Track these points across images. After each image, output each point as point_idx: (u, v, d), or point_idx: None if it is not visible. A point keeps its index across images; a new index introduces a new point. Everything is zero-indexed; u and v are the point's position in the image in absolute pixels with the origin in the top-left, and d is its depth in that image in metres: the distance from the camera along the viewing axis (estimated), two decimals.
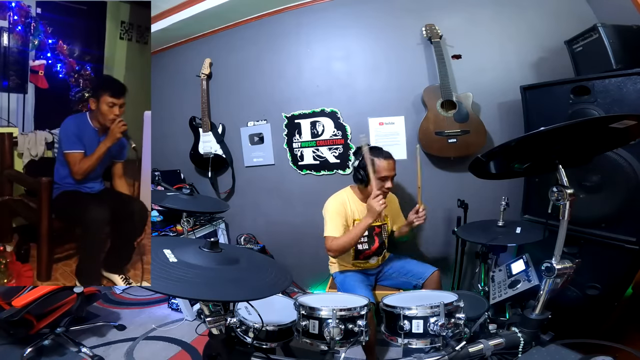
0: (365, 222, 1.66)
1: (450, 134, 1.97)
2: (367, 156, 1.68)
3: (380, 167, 1.71)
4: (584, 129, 0.91)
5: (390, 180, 1.73)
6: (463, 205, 1.91)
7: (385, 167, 1.71)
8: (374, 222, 1.78)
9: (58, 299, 1.87)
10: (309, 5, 2.40)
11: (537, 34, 1.92)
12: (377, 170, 1.70)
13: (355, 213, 1.83)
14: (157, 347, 2.05)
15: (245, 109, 2.71)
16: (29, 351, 1.82)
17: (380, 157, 1.72)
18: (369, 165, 1.67)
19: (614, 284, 1.41)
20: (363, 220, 1.68)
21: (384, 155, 1.74)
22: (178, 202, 1.73)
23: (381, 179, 1.70)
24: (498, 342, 1.04)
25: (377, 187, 1.67)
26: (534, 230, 1.47)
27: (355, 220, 1.83)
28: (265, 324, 1.07)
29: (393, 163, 1.74)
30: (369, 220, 1.65)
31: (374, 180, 1.66)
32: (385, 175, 1.71)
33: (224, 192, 2.88)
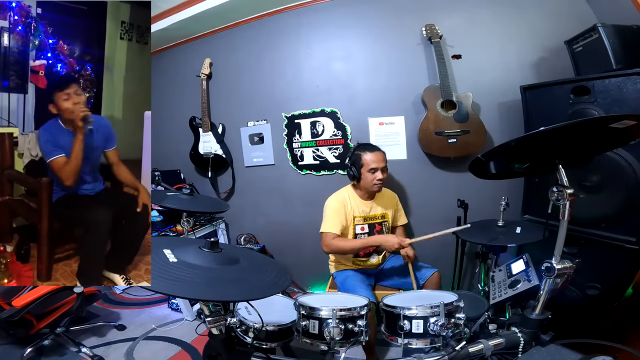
0: (373, 241, 1.77)
1: (450, 134, 1.97)
2: (356, 152, 1.82)
3: (368, 160, 1.79)
4: (584, 129, 0.91)
5: (381, 171, 1.79)
6: (463, 205, 1.91)
7: (373, 158, 1.79)
8: (374, 219, 1.87)
9: (58, 299, 1.87)
10: (309, 5, 2.40)
11: (537, 34, 1.92)
12: (366, 163, 1.79)
13: (355, 210, 1.86)
14: (157, 347, 2.05)
15: (245, 109, 2.71)
16: (29, 351, 1.82)
17: (367, 151, 1.82)
18: (358, 161, 1.80)
19: (614, 284, 1.41)
20: (371, 240, 1.78)
21: (371, 148, 1.83)
22: (178, 202, 1.73)
23: (371, 172, 1.78)
24: (498, 342, 1.04)
25: (370, 180, 1.78)
26: (534, 230, 1.47)
27: (356, 217, 1.85)
28: (265, 324, 1.07)
29: (382, 154, 1.82)
30: (376, 242, 1.76)
31: (365, 172, 1.78)
32: (375, 167, 1.78)
33: (224, 192, 2.88)
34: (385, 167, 1.82)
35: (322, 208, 1.90)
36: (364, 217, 1.87)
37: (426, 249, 2.35)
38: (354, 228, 1.85)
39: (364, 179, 1.81)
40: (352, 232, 1.85)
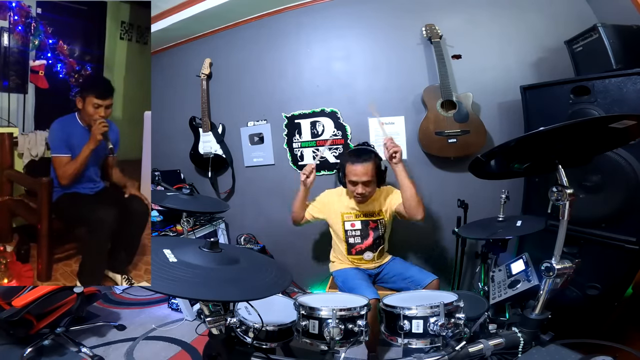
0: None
1: (450, 134, 1.97)
2: (343, 158, 1.80)
3: (348, 171, 1.73)
4: (584, 129, 0.91)
5: (362, 185, 1.70)
6: (463, 205, 1.91)
7: (353, 171, 1.71)
8: (368, 216, 1.84)
9: (58, 299, 1.87)
10: (309, 5, 2.40)
11: (537, 34, 1.92)
12: (347, 174, 1.74)
13: (344, 207, 1.87)
14: (157, 347, 2.05)
15: (245, 109, 2.70)
16: (29, 351, 1.81)
17: (349, 162, 1.73)
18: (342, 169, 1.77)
19: (614, 284, 1.41)
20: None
21: (354, 159, 1.72)
22: (178, 202, 1.73)
23: (351, 184, 1.73)
24: (498, 342, 1.04)
25: (351, 190, 1.75)
26: (535, 221, 1.43)
27: (344, 213, 1.86)
28: (265, 324, 1.07)
29: (363, 168, 1.69)
30: None
31: (347, 181, 1.75)
32: (354, 180, 1.71)
33: (224, 192, 2.88)
34: (367, 181, 1.69)
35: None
36: (355, 214, 1.85)
37: (426, 250, 2.35)
38: (343, 225, 1.85)
39: (348, 188, 1.80)
40: (342, 228, 1.86)
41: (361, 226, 1.84)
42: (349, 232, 1.86)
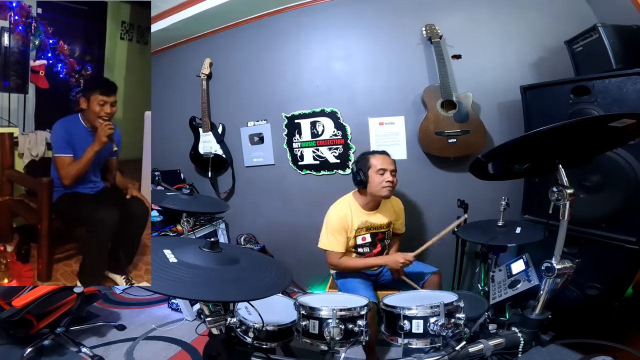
0: (378, 261, 1.79)
1: (450, 134, 1.97)
2: (363, 157, 1.80)
3: (375, 162, 1.74)
4: (583, 129, 0.91)
5: (391, 173, 1.73)
6: (463, 206, 1.91)
7: (381, 160, 1.74)
8: (377, 228, 1.85)
9: (58, 299, 1.87)
10: (309, 5, 2.40)
11: (537, 34, 1.92)
12: (373, 165, 1.74)
13: (357, 223, 1.79)
14: (157, 347, 2.05)
15: (245, 109, 2.71)
16: (29, 351, 1.81)
17: (372, 155, 1.78)
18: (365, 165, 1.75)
19: (614, 284, 1.41)
20: (377, 260, 1.80)
21: (378, 153, 1.80)
22: (178, 202, 1.73)
23: (380, 172, 1.72)
24: (498, 342, 1.04)
25: (378, 182, 1.71)
26: (534, 230, 1.46)
27: (358, 228, 1.80)
28: (265, 324, 1.07)
29: (390, 158, 1.78)
30: (381, 263, 1.79)
31: (373, 175, 1.73)
32: (383, 168, 1.72)
33: (224, 192, 2.88)
34: (394, 170, 1.75)
35: (322, 208, 1.88)
36: (366, 227, 1.82)
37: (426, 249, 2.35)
38: (355, 239, 1.82)
39: (372, 182, 1.72)
40: (353, 242, 1.82)
41: (370, 238, 1.84)
42: (359, 245, 1.84)
